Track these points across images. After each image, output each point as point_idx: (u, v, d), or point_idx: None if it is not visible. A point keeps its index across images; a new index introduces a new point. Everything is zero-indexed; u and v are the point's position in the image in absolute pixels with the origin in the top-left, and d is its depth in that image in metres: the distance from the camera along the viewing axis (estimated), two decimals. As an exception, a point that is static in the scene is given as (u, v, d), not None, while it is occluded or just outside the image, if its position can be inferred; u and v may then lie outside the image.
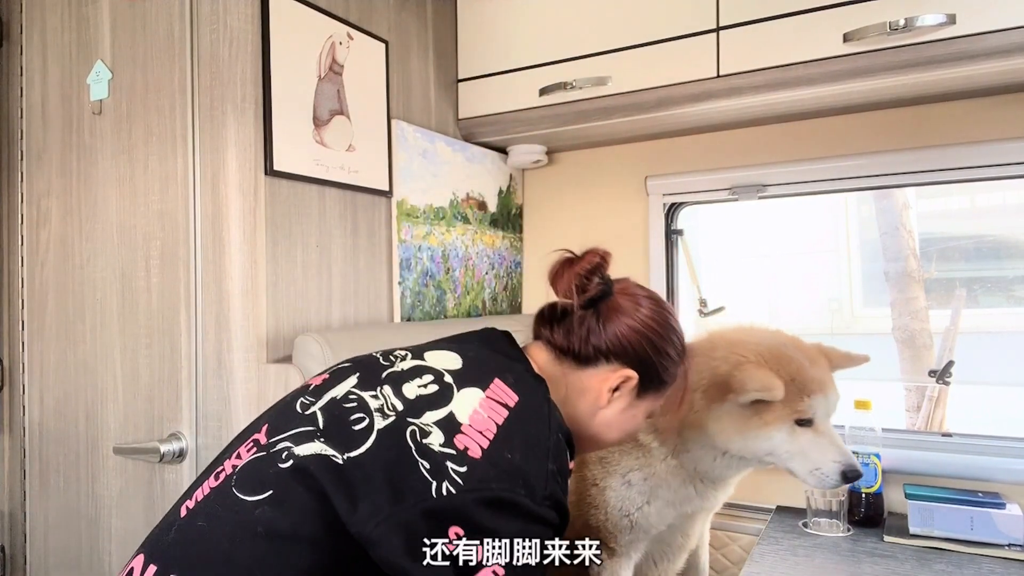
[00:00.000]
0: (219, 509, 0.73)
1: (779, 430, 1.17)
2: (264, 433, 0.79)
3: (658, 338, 0.96)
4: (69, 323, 1.45)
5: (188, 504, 0.77)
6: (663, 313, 0.98)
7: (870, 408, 1.52)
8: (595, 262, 0.97)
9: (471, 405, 0.76)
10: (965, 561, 1.29)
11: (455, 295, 1.77)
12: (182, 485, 1.28)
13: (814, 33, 1.36)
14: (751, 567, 1.29)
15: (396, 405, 0.76)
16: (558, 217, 2.00)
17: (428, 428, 0.73)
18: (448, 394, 0.78)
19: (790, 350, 1.22)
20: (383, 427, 0.74)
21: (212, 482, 0.77)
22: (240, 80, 1.24)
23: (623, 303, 0.96)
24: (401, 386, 0.79)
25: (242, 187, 1.25)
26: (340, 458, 0.72)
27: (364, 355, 0.90)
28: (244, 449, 0.79)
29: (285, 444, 0.75)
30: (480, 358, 0.86)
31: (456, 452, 0.71)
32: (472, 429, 0.74)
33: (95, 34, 1.41)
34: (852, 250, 4.05)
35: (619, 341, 0.94)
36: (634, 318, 0.95)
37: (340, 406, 0.78)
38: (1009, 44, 1.23)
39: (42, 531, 1.50)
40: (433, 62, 1.73)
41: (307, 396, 0.82)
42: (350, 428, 0.74)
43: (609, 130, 1.72)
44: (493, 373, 0.82)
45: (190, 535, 0.74)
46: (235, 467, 0.76)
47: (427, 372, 0.81)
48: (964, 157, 1.50)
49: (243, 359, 1.24)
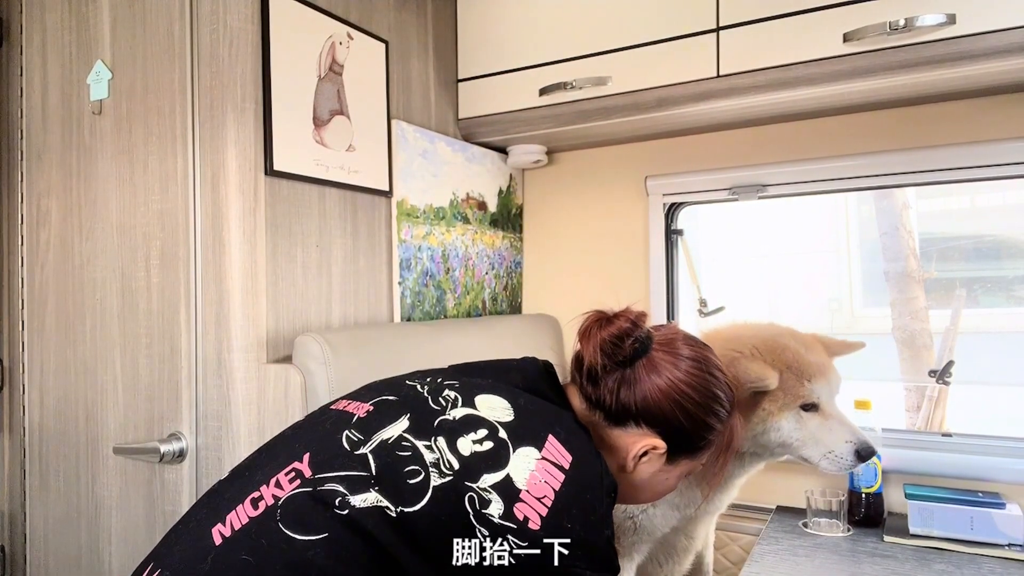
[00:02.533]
0: (265, 544, 0.71)
1: (786, 419, 1.18)
2: (307, 465, 0.77)
3: (693, 404, 0.90)
4: (69, 323, 1.45)
5: (221, 530, 0.74)
6: (703, 375, 0.91)
7: (870, 408, 1.52)
8: (625, 328, 0.90)
9: (528, 467, 0.76)
10: (965, 561, 1.29)
11: (455, 295, 1.77)
12: (182, 485, 1.28)
13: (814, 33, 1.36)
14: (751, 567, 1.29)
15: (452, 463, 0.75)
16: (558, 217, 2.00)
17: (487, 496, 0.73)
18: (504, 454, 0.77)
19: (785, 339, 1.23)
20: (439, 485, 0.73)
21: (250, 510, 0.74)
22: (240, 80, 1.24)
23: (660, 361, 0.90)
24: (456, 440, 0.78)
25: (242, 187, 1.25)
26: (394, 511, 0.72)
27: (408, 386, 0.88)
28: (284, 478, 0.76)
29: (337, 487, 0.73)
30: (530, 408, 0.84)
31: (516, 526, 0.72)
32: (531, 496, 0.74)
33: (95, 34, 1.41)
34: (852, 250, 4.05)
35: (649, 405, 0.89)
36: (667, 380, 0.89)
37: (393, 453, 0.76)
38: (1009, 44, 1.23)
39: (42, 531, 1.50)
40: (433, 62, 1.73)
41: (353, 430, 0.80)
42: (405, 481, 0.74)
43: (609, 130, 1.72)
44: (546, 428, 0.81)
45: (233, 567, 0.71)
46: (277, 499, 0.74)
47: (481, 425, 0.79)
48: (964, 157, 1.50)
49: (243, 359, 1.24)
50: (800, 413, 1.18)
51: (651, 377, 0.89)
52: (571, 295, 1.98)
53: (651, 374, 0.89)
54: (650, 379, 0.89)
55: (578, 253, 1.96)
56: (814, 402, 1.19)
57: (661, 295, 1.82)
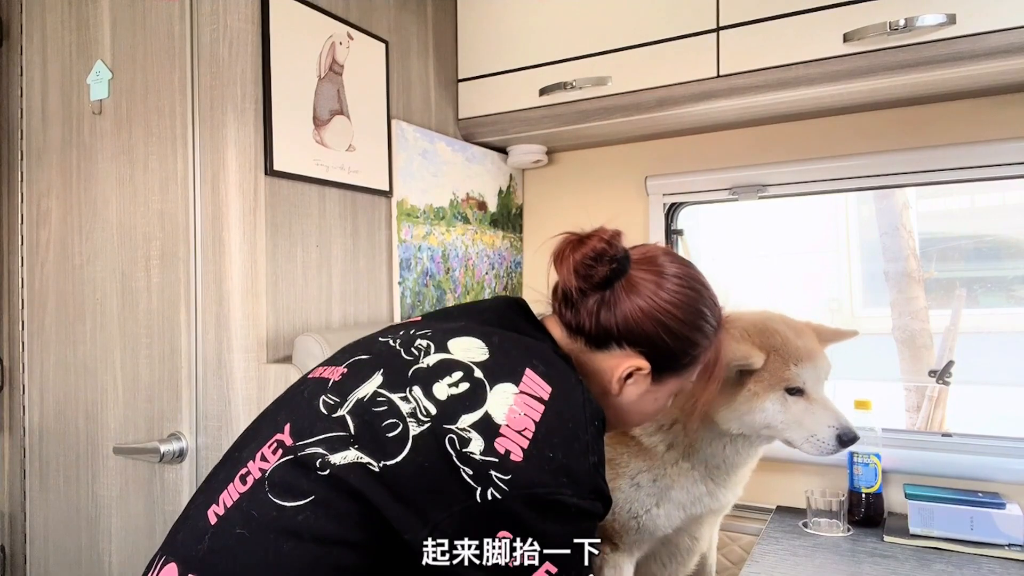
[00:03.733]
0: (257, 516, 0.72)
1: (771, 400, 1.18)
2: (288, 434, 0.77)
3: (676, 322, 0.88)
4: (69, 323, 1.45)
5: (216, 510, 0.75)
6: (687, 291, 0.89)
7: (870, 408, 1.52)
8: (598, 248, 0.87)
9: (506, 403, 0.74)
10: (965, 561, 1.29)
11: (455, 295, 1.77)
12: (182, 485, 1.28)
13: (814, 33, 1.36)
14: (751, 567, 1.29)
15: (429, 409, 0.74)
16: (558, 217, 2.00)
17: (467, 435, 0.72)
18: (481, 393, 0.75)
19: (775, 324, 1.23)
20: (418, 433, 0.72)
21: (239, 486, 0.75)
22: (240, 80, 1.24)
23: (641, 280, 0.88)
24: (431, 386, 0.76)
25: (242, 187, 1.25)
26: (376, 466, 0.71)
27: (381, 343, 0.86)
28: (268, 450, 0.77)
29: (317, 450, 0.73)
30: (505, 344, 0.82)
31: (498, 459, 0.70)
32: (510, 430, 0.72)
33: (95, 34, 1.41)
34: (852, 250, 4.05)
35: (630, 325, 0.87)
36: (648, 299, 0.87)
37: (370, 410, 0.75)
38: (1009, 44, 1.23)
39: (42, 531, 1.50)
40: (433, 62, 1.73)
41: (329, 394, 0.79)
42: (384, 435, 0.73)
43: (609, 130, 1.72)
44: (523, 362, 0.78)
45: (229, 543, 0.72)
46: (263, 471, 0.74)
47: (456, 368, 0.78)
48: (964, 157, 1.50)
49: (243, 359, 1.24)
50: (785, 396, 1.19)
51: (631, 297, 0.87)
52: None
53: (631, 294, 0.87)
54: (630, 299, 0.87)
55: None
56: (799, 386, 1.19)
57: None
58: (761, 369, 1.18)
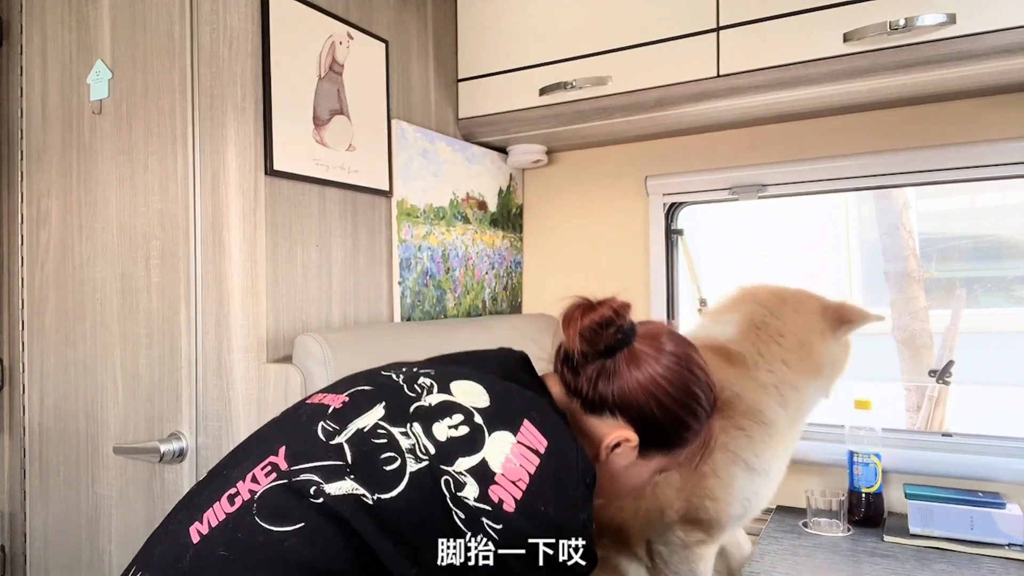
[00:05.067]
0: (242, 538, 0.70)
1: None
2: (283, 457, 0.76)
3: (670, 400, 0.90)
4: (69, 323, 1.46)
5: (199, 528, 0.73)
6: (683, 372, 0.91)
7: (870, 408, 1.52)
8: (607, 316, 0.90)
9: (503, 451, 0.75)
10: (965, 561, 1.29)
11: (455, 295, 1.77)
12: (182, 485, 1.28)
13: (814, 33, 1.36)
14: (751, 567, 1.29)
15: (428, 448, 0.75)
16: (558, 217, 2.00)
17: (463, 479, 0.73)
18: (480, 438, 0.76)
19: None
20: (416, 470, 0.73)
21: (227, 506, 0.73)
22: (240, 80, 1.24)
23: (641, 355, 0.90)
24: (431, 425, 0.77)
25: (242, 187, 1.25)
26: (371, 498, 0.71)
27: (384, 376, 0.87)
28: (260, 472, 0.75)
29: (311, 477, 0.73)
30: (506, 394, 0.84)
31: (491, 508, 0.72)
32: (505, 479, 0.74)
33: (95, 34, 1.41)
34: (852, 250, 4.05)
35: (625, 397, 0.89)
36: (646, 373, 0.89)
37: (369, 441, 0.76)
38: (1009, 44, 1.23)
39: (42, 531, 1.50)
40: (433, 62, 1.73)
41: (328, 421, 0.79)
42: (381, 468, 0.73)
43: (609, 130, 1.72)
44: (522, 413, 0.80)
45: (210, 564, 0.70)
46: (253, 492, 0.73)
47: (456, 411, 0.79)
48: (964, 157, 1.50)
49: (243, 359, 1.24)
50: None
51: (631, 370, 0.89)
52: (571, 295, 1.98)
53: (631, 367, 0.89)
54: (629, 372, 0.89)
55: (578, 253, 1.97)
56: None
57: (661, 295, 1.82)
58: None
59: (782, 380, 1.20)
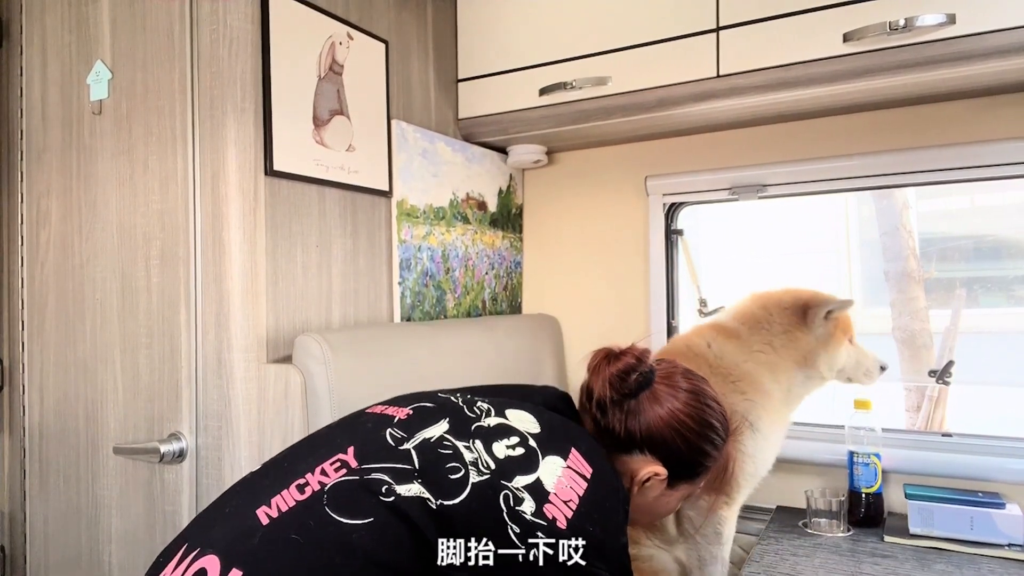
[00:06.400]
0: (313, 525, 0.75)
1: (845, 347, 1.40)
2: (352, 456, 0.81)
3: (691, 432, 1.00)
4: (69, 323, 1.45)
5: (267, 511, 0.77)
6: (700, 406, 1.02)
7: (870, 408, 1.52)
8: (631, 363, 1.00)
9: (555, 473, 0.83)
10: (965, 561, 1.29)
11: (455, 295, 1.77)
12: (182, 485, 1.28)
13: (814, 33, 1.36)
14: (751, 567, 1.29)
15: (489, 463, 0.82)
16: (558, 217, 2.00)
17: (521, 495, 0.79)
18: (535, 459, 0.83)
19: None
20: (478, 482, 0.79)
21: (296, 494, 0.78)
22: (240, 80, 1.24)
23: (661, 394, 1.00)
24: (491, 444, 0.84)
25: (242, 187, 1.25)
26: (434, 503, 0.77)
27: (443, 396, 0.94)
28: (330, 467, 0.80)
29: (383, 477, 0.78)
30: (554, 423, 0.92)
31: (546, 523, 0.78)
32: (558, 499, 0.80)
33: (95, 34, 1.41)
34: (852, 250, 4.05)
35: (652, 433, 0.98)
36: (668, 410, 0.99)
37: (435, 450, 0.82)
38: (1009, 44, 1.23)
39: (42, 531, 1.50)
40: (433, 62, 1.73)
41: (396, 429, 0.85)
42: (447, 476, 0.79)
43: (609, 130, 1.72)
44: (569, 442, 0.88)
45: (281, 546, 0.74)
46: (323, 485, 0.78)
47: (513, 433, 0.86)
48: (964, 157, 1.50)
49: (243, 359, 1.24)
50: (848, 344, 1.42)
51: (654, 407, 0.99)
52: (571, 295, 1.98)
53: (654, 405, 0.99)
54: (653, 409, 0.99)
55: (578, 253, 1.97)
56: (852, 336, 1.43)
57: (661, 295, 1.82)
58: (841, 323, 1.39)
59: (771, 360, 1.35)
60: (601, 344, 1.10)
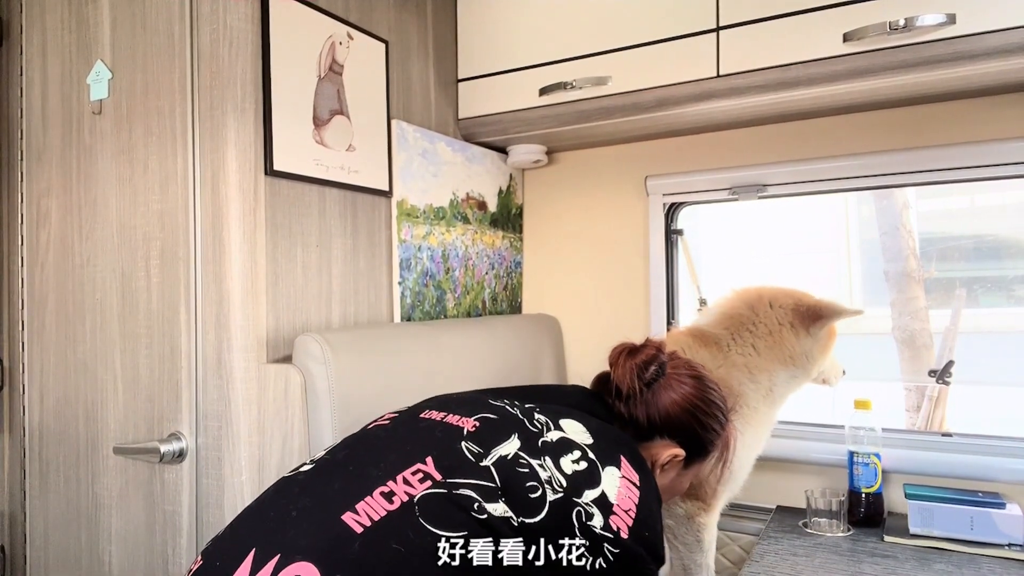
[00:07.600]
0: (412, 537, 0.77)
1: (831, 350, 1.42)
2: (433, 467, 0.83)
3: (702, 413, 1.08)
4: (69, 323, 1.45)
5: (355, 518, 0.77)
6: (705, 388, 1.10)
7: (870, 408, 1.52)
8: (652, 355, 1.08)
9: (615, 485, 0.88)
10: (965, 561, 1.30)
11: (455, 295, 1.77)
12: (182, 485, 1.28)
13: (814, 33, 1.36)
14: (751, 567, 1.29)
15: (561, 481, 0.85)
16: (558, 217, 2.00)
17: (591, 509, 0.84)
18: (597, 472, 0.88)
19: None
20: (554, 500, 0.83)
21: (385, 503, 0.79)
22: (240, 80, 1.24)
23: (673, 380, 1.08)
24: (559, 459, 0.88)
25: (242, 187, 1.25)
26: (516, 521, 0.81)
27: (497, 405, 0.96)
28: (413, 477, 0.82)
29: (471, 494, 0.81)
30: (600, 431, 0.96)
31: (612, 534, 0.84)
32: (620, 509, 0.86)
33: (95, 34, 1.41)
34: (852, 250, 4.05)
35: (670, 417, 1.06)
36: (680, 394, 1.07)
37: (514, 469, 0.85)
38: (1009, 44, 1.23)
39: (42, 531, 1.50)
40: (433, 62, 1.73)
41: (470, 442, 0.87)
42: (527, 495, 0.83)
43: (609, 130, 1.72)
44: (617, 450, 0.93)
45: (384, 555, 0.75)
46: (411, 496, 0.80)
47: (574, 447, 0.90)
48: (964, 157, 1.50)
49: (243, 359, 1.24)
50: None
51: (669, 394, 1.07)
52: (571, 295, 1.98)
53: (668, 392, 1.07)
54: (668, 395, 1.07)
55: (578, 253, 1.97)
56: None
57: (661, 295, 1.83)
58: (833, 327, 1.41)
59: (752, 363, 1.36)
60: (601, 344, 1.15)
